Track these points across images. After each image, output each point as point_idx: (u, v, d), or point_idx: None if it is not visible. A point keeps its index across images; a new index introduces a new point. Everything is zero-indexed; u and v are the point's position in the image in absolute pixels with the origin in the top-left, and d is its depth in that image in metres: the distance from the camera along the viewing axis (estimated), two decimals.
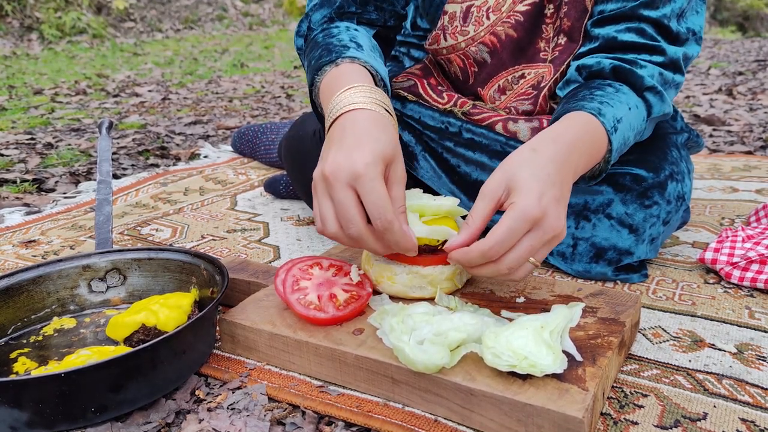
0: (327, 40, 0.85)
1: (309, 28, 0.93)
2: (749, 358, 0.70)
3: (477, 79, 1.00)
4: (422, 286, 0.74)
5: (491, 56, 0.96)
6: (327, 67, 0.79)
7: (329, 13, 0.92)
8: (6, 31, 5.70)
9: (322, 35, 0.87)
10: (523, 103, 0.97)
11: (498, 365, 0.57)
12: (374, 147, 0.64)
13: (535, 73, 0.94)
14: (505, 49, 0.95)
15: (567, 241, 0.91)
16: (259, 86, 3.60)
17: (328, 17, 0.92)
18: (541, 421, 0.54)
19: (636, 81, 0.83)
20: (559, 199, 0.64)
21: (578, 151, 0.70)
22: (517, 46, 0.95)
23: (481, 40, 0.95)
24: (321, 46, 0.84)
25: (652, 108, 0.84)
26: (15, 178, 1.64)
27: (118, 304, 0.86)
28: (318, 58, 0.81)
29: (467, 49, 0.96)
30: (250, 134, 1.75)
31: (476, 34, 0.94)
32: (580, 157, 0.70)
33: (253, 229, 1.20)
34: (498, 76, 0.97)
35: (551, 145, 0.68)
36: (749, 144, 1.81)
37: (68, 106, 2.91)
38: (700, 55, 4.77)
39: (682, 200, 0.92)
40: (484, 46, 0.95)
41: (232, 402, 0.64)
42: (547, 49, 0.94)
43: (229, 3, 7.83)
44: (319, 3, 0.94)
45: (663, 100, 0.85)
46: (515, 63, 0.96)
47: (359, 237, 0.65)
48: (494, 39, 0.94)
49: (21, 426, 0.59)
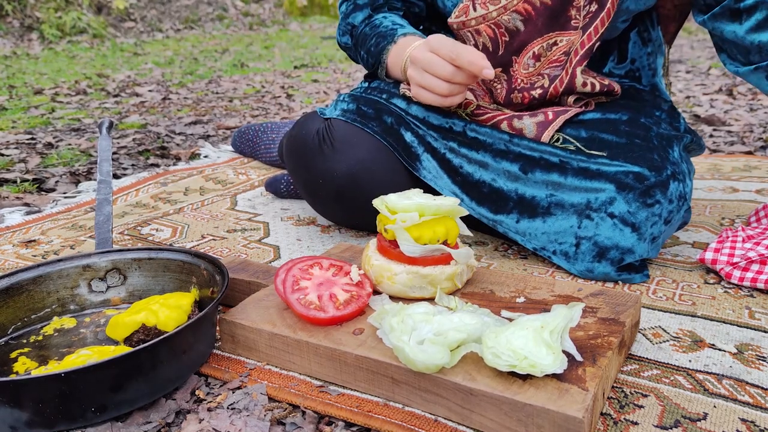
0: (376, 30, 1.05)
1: (353, 26, 1.10)
2: (749, 358, 0.70)
3: (508, 49, 1.01)
4: (422, 286, 0.74)
5: (525, 24, 0.98)
6: (389, 46, 1.02)
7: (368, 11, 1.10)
8: (6, 31, 5.70)
9: (368, 28, 1.07)
10: (554, 70, 1.00)
11: (498, 365, 0.57)
12: (437, 37, 0.92)
13: (567, 40, 0.97)
14: (540, 17, 0.97)
15: (570, 241, 0.91)
16: (259, 86, 3.60)
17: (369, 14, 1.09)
18: (541, 421, 0.54)
19: None
20: None
21: None
22: (552, 13, 0.97)
23: (515, 8, 0.97)
24: (374, 35, 1.05)
25: None
26: (15, 178, 1.64)
27: (118, 304, 0.86)
28: (377, 45, 1.04)
29: (499, 18, 0.98)
30: (250, 134, 1.75)
31: (509, 2, 0.97)
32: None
33: (253, 229, 1.20)
34: (532, 43, 0.99)
35: None
36: (749, 144, 1.81)
37: (68, 106, 2.91)
38: (700, 55, 4.77)
39: (683, 200, 0.92)
40: (518, 15, 0.97)
41: (232, 402, 0.64)
42: (578, 17, 0.96)
43: (229, 3, 7.83)
44: (353, 7, 1.11)
45: None
46: (549, 30, 0.98)
47: (450, 74, 0.90)
48: (529, 7, 0.96)
49: (21, 426, 0.59)
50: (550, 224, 0.92)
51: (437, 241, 0.74)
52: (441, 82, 0.91)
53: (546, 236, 0.93)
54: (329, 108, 1.07)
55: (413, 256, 0.73)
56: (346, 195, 1.00)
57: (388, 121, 1.01)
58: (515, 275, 0.81)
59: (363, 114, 1.02)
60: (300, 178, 1.07)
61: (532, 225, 0.94)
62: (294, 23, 8.03)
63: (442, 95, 0.93)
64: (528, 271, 0.96)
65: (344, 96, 1.07)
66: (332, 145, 1.00)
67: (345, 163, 0.98)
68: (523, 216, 0.94)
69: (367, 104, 1.03)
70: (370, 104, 1.03)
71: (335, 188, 1.00)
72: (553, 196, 0.92)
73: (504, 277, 0.81)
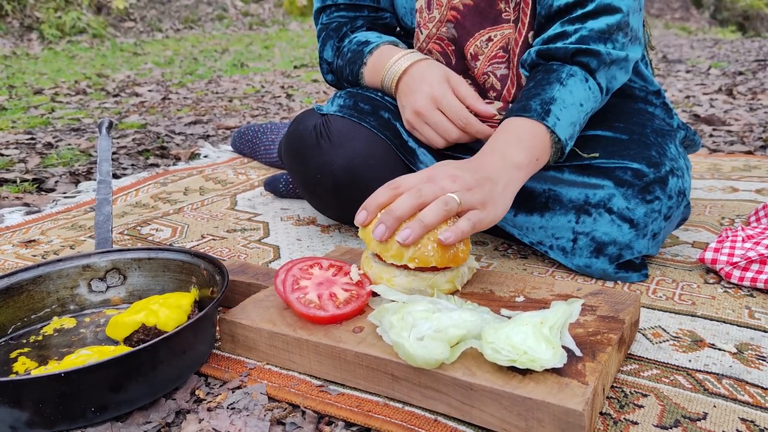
0: (346, 58, 1.07)
1: (328, 62, 1.12)
2: (749, 357, 0.70)
3: (456, 56, 1.04)
4: (421, 288, 0.74)
5: (457, 30, 1.01)
6: (361, 70, 1.04)
7: (334, 44, 1.10)
8: (6, 30, 5.70)
9: (340, 60, 1.09)
10: (498, 67, 1.00)
11: (498, 360, 0.57)
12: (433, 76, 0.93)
13: (501, 34, 0.98)
14: (466, 18, 0.99)
15: (567, 236, 0.91)
16: (259, 86, 3.60)
17: (336, 47, 1.10)
18: (542, 415, 0.54)
19: (559, 53, 0.89)
20: (459, 176, 0.74)
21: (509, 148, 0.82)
22: (477, 11, 0.99)
23: (447, 18, 1.01)
24: (346, 64, 1.07)
25: (589, 65, 0.89)
26: (15, 178, 1.64)
27: (118, 304, 0.86)
28: (351, 72, 1.07)
29: (438, 32, 1.02)
30: (250, 134, 1.75)
31: (441, 15, 1.01)
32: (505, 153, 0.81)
33: (253, 229, 1.20)
34: (466, 45, 1.01)
35: (476, 156, 0.82)
36: (749, 144, 1.81)
37: (68, 106, 2.91)
38: (700, 55, 4.77)
39: (683, 196, 0.93)
40: (450, 23, 1.01)
41: (232, 402, 0.64)
42: (508, 10, 0.98)
43: (229, 3, 7.83)
44: (321, 44, 1.12)
45: (598, 55, 0.89)
46: (480, 28, 1.00)
47: (458, 137, 0.94)
48: (455, 12, 1.00)
49: (21, 426, 0.59)
50: (547, 219, 0.93)
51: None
52: (443, 140, 0.96)
53: (543, 231, 0.94)
54: (326, 104, 1.08)
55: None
56: (344, 189, 1.01)
57: (384, 116, 1.02)
58: (515, 275, 0.81)
59: (360, 109, 1.03)
60: (298, 174, 1.07)
61: (529, 219, 0.94)
62: (294, 23, 8.03)
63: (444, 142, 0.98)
64: (528, 270, 0.96)
65: (341, 92, 1.08)
66: (329, 140, 1.00)
67: (343, 156, 0.99)
68: (521, 210, 0.95)
69: (363, 100, 1.04)
70: (366, 100, 1.04)
71: (333, 182, 1.01)
72: (551, 190, 0.92)
73: (503, 277, 0.81)
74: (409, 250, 0.71)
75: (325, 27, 1.13)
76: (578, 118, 0.88)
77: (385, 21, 1.12)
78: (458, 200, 0.72)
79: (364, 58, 1.03)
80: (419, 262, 0.71)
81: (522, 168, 0.81)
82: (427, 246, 0.71)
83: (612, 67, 0.91)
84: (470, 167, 0.77)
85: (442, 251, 0.71)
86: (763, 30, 10.20)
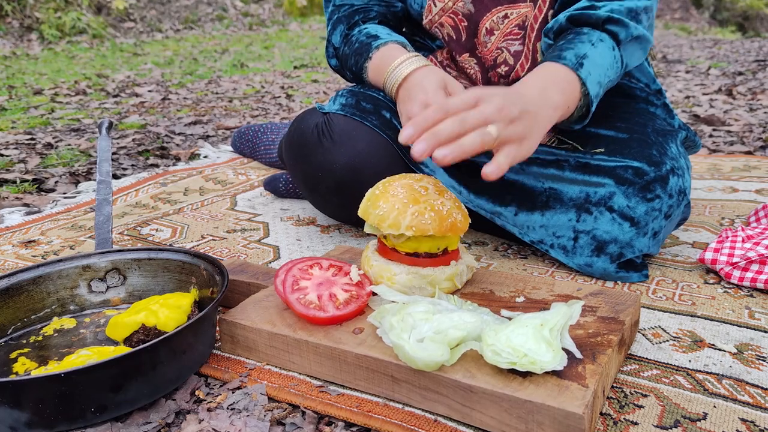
0: (353, 48, 1.06)
1: (335, 47, 1.12)
2: (749, 358, 0.70)
3: (468, 32, 1.05)
4: (422, 286, 0.74)
5: (475, 4, 1.02)
6: (366, 63, 1.03)
7: (344, 30, 1.10)
8: (6, 31, 5.70)
9: (347, 48, 1.08)
10: (513, 44, 1.02)
11: (498, 362, 0.57)
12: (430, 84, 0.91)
13: (518, 12, 1.00)
14: None
15: (568, 234, 0.92)
16: (259, 86, 3.60)
17: (345, 33, 1.10)
18: (542, 417, 0.54)
19: (591, 19, 0.91)
20: (505, 108, 0.73)
21: (548, 86, 0.83)
22: None
23: None
24: (352, 54, 1.07)
25: (618, 35, 0.91)
26: (15, 178, 1.64)
27: (118, 304, 0.86)
28: (356, 63, 1.06)
29: (455, 6, 1.03)
30: (250, 134, 1.75)
31: None
32: (545, 90, 0.82)
33: (253, 229, 1.20)
34: (483, 19, 1.03)
35: (517, 86, 0.82)
36: (749, 144, 1.81)
37: (68, 106, 2.91)
38: (700, 55, 4.77)
39: (683, 195, 0.93)
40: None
41: (232, 402, 0.64)
42: None
43: (229, 3, 7.83)
44: (331, 27, 1.12)
45: (626, 26, 0.91)
46: (498, 4, 1.01)
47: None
48: None
49: (21, 426, 0.59)
50: (548, 217, 0.93)
51: (437, 249, 0.75)
52: None
53: (544, 229, 0.94)
54: (328, 103, 1.08)
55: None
56: (346, 187, 1.01)
57: (386, 116, 1.02)
58: (515, 275, 0.81)
59: (362, 108, 1.03)
60: (299, 173, 1.07)
61: (530, 218, 0.94)
62: (294, 23, 8.02)
63: None
64: (528, 271, 0.96)
65: (343, 91, 1.08)
66: (332, 138, 1.00)
67: (345, 155, 0.99)
68: (522, 209, 0.95)
69: (365, 99, 1.04)
70: (368, 99, 1.04)
71: (335, 181, 1.01)
72: (552, 189, 0.93)
73: (503, 277, 0.81)
74: (407, 218, 0.71)
75: (337, 9, 1.12)
76: (604, 80, 0.90)
77: (396, 10, 1.12)
78: (495, 135, 0.72)
79: (370, 52, 1.03)
80: (416, 230, 0.71)
81: (558, 109, 0.83)
82: (424, 214, 0.71)
83: (634, 44, 0.93)
84: (514, 98, 0.77)
85: (440, 219, 0.72)
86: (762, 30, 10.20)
